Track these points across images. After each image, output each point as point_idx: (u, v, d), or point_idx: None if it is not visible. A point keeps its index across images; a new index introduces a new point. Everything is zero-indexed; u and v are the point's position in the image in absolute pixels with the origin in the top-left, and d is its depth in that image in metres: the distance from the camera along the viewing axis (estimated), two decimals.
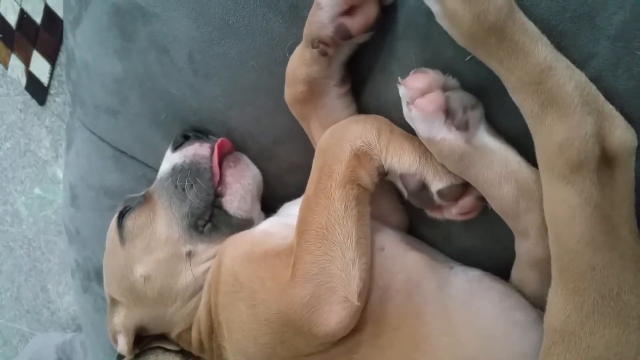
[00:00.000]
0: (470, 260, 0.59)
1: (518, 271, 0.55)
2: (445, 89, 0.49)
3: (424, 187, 0.52)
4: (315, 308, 0.52)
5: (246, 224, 0.69)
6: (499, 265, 0.57)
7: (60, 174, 2.04)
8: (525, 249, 0.51)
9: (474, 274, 0.57)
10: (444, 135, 0.48)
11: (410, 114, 0.49)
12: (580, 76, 0.43)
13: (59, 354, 1.96)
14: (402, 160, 0.52)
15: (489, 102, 0.50)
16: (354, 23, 0.51)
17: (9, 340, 2.70)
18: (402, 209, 0.63)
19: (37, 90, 1.89)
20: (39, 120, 1.97)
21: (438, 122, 0.48)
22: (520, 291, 0.55)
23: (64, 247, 2.17)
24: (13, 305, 2.55)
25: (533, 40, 0.42)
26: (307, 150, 0.64)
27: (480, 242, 0.59)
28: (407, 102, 0.49)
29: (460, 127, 0.48)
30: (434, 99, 0.47)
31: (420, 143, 0.51)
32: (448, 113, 0.48)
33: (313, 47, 0.54)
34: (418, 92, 0.48)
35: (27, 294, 2.45)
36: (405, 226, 0.64)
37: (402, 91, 0.49)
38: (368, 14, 0.51)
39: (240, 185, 0.68)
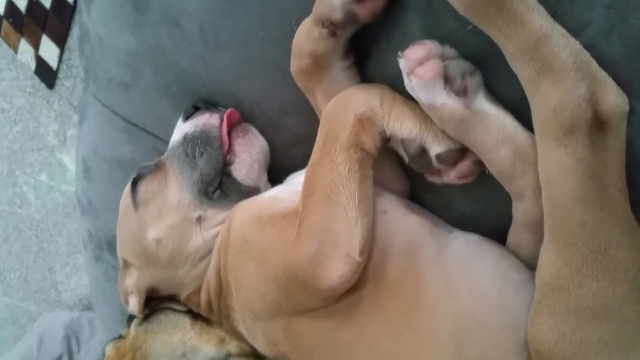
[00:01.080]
0: (468, 225, 0.61)
1: (514, 234, 0.58)
2: (443, 58, 0.51)
3: (423, 151, 0.54)
4: (319, 263, 0.55)
5: (253, 192, 0.71)
6: (496, 231, 0.60)
7: (66, 160, 2.08)
8: (520, 210, 0.54)
9: (472, 237, 0.59)
10: (443, 100, 0.50)
11: (411, 84, 0.51)
12: (574, 44, 0.45)
13: (67, 331, 2.00)
14: (403, 125, 0.54)
15: (490, 71, 0.52)
16: (363, 10, 0.53)
17: (17, 319, 2.75)
18: (403, 177, 0.66)
19: (46, 75, 1.91)
20: (47, 104, 2.00)
21: (438, 88, 0.50)
22: (516, 254, 0.57)
23: (72, 228, 2.20)
24: (22, 285, 2.60)
25: (530, 9, 0.45)
26: (313, 122, 0.66)
27: (479, 208, 0.62)
28: (407, 73, 0.52)
29: (459, 93, 0.50)
30: (432, 67, 0.50)
31: (421, 110, 0.54)
32: (447, 80, 0.50)
33: (323, 27, 0.56)
34: (417, 62, 0.50)
35: (36, 275, 2.49)
36: (407, 193, 0.67)
37: (402, 63, 0.52)
38: (376, 2, 0.53)
39: (248, 154, 0.71)
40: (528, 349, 0.50)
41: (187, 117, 0.73)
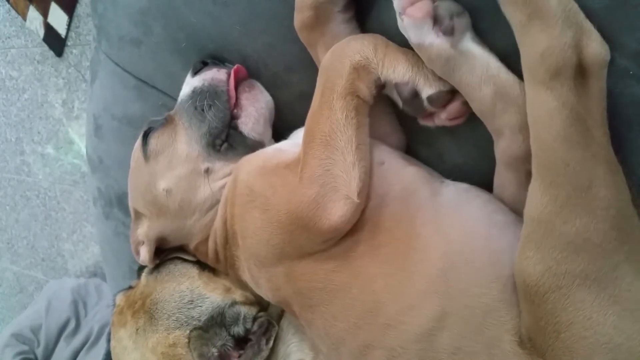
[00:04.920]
0: (461, 175, 0.65)
1: (498, 176, 0.61)
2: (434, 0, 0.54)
3: (416, 94, 0.58)
4: (320, 205, 0.58)
5: (259, 146, 0.74)
6: (486, 180, 0.63)
7: (73, 133, 2.10)
8: (500, 148, 0.57)
9: (462, 186, 0.63)
10: (432, 40, 0.53)
11: (403, 23, 0.54)
12: None
13: (74, 296, 2.06)
14: (396, 70, 0.57)
15: (483, 22, 0.55)
16: None
17: (25, 287, 2.81)
18: (401, 131, 0.69)
19: (55, 42, 1.93)
20: (56, 71, 2.02)
21: (427, 27, 0.53)
22: (501, 198, 0.61)
23: (79, 196, 2.24)
24: (29, 253, 2.65)
25: None
26: (316, 78, 0.69)
27: (471, 159, 0.65)
28: (400, 13, 0.54)
29: (447, 33, 0.53)
30: (422, 7, 0.53)
31: (413, 55, 0.57)
32: (436, 20, 0.53)
33: None
34: (408, 1, 0.53)
35: (43, 243, 2.54)
36: (404, 147, 0.70)
37: (396, 3, 0.55)
38: None
39: (254, 109, 0.74)
40: (511, 287, 0.53)
41: (195, 72, 0.76)
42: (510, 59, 0.53)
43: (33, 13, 1.94)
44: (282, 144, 0.73)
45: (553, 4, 0.47)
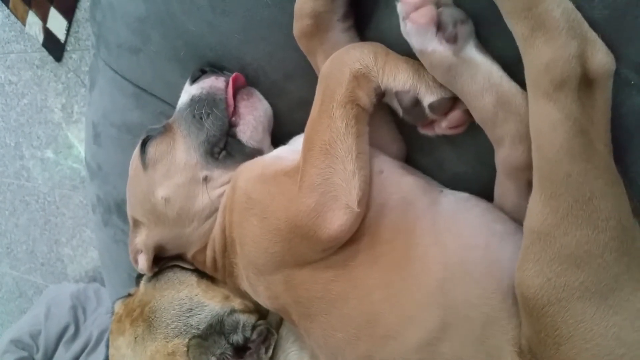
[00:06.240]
0: (461, 184, 0.64)
1: (498, 184, 0.61)
2: (438, 5, 0.53)
3: (417, 102, 0.57)
4: (320, 214, 0.58)
5: (257, 153, 0.74)
6: (486, 189, 0.63)
7: (72, 137, 2.10)
8: (501, 157, 0.57)
9: (462, 195, 0.62)
10: (434, 47, 0.53)
11: (406, 29, 0.54)
12: (567, 4, 0.47)
13: (74, 301, 2.05)
14: (397, 79, 0.57)
15: (487, 28, 0.54)
16: None
17: (24, 292, 2.80)
18: (400, 140, 0.69)
19: (54, 47, 1.93)
20: (55, 76, 2.02)
21: (430, 34, 0.52)
22: (502, 207, 0.60)
23: (78, 201, 2.23)
24: (28, 258, 2.64)
25: None
26: (316, 86, 0.68)
27: (471, 168, 0.65)
28: (403, 17, 0.54)
29: (450, 40, 0.52)
30: (426, 13, 0.52)
31: (413, 62, 0.56)
32: (439, 26, 0.52)
33: None
34: (412, 6, 0.53)
35: (42, 247, 2.53)
36: (403, 156, 0.70)
37: (399, 7, 0.54)
38: None
39: (253, 117, 0.74)
40: (512, 297, 0.53)
41: (194, 80, 0.76)
42: (513, 68, 0.53)
43: (32, 18, 1.94)
44: (281, 151, 0.72)
45: (556, 14, 0.46)
